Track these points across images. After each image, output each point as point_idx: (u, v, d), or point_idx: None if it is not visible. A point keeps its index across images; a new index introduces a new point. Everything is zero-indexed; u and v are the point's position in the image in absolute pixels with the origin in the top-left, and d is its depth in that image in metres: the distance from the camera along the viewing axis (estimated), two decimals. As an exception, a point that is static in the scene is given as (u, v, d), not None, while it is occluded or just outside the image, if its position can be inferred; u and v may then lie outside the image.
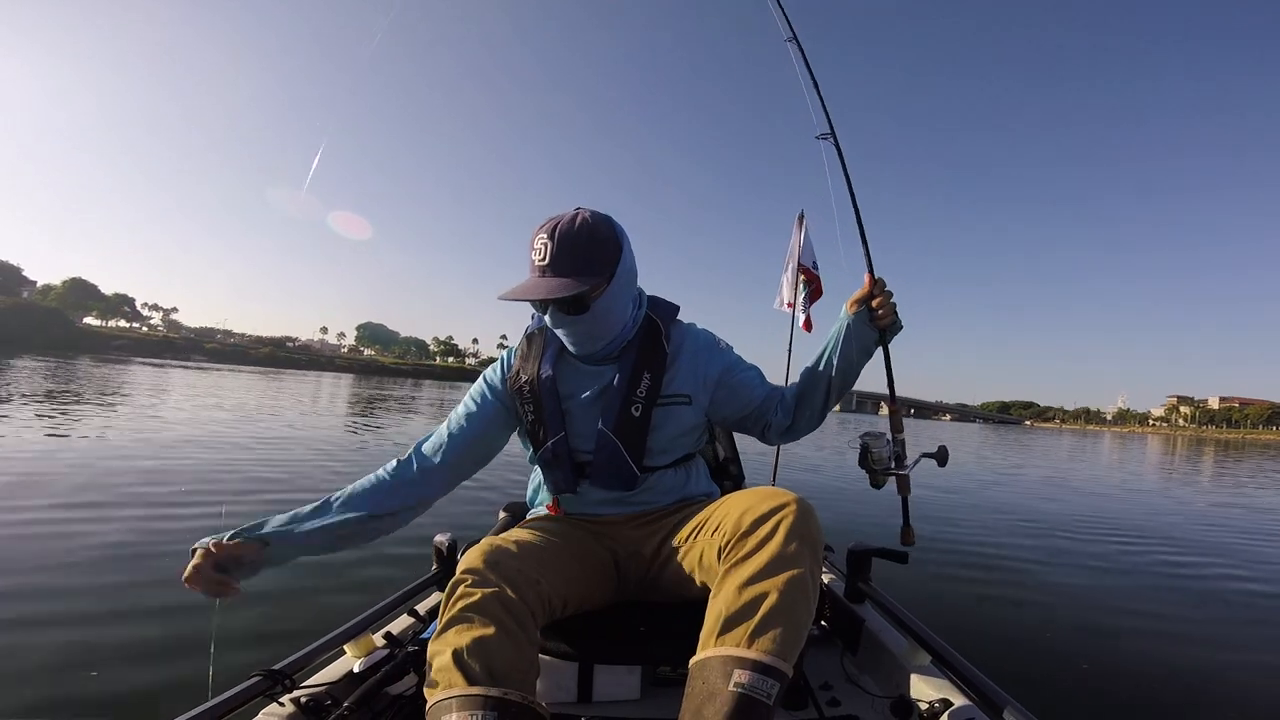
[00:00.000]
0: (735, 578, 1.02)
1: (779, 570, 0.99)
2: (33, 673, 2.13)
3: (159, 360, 60.21)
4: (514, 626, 1.00)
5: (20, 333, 67.68)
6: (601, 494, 1.34)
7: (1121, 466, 17.88)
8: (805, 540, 1.03)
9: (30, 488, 4.64)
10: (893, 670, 1.52)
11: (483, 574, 1.05)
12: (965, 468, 12.91)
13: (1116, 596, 3.78)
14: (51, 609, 2.62)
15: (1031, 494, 8.41)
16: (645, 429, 1.29)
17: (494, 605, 1.01)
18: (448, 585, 1.07)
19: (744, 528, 1.06)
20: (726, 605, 0.99)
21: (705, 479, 1.47)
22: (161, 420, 9.96)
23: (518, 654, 0.99)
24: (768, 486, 1.17)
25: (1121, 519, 7.16)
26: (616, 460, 1.28)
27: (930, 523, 5.69)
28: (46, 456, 5.98)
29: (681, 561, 1.23)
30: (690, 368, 1.35)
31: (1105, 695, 2.35)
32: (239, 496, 5.03)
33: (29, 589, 2.81)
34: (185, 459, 6.51)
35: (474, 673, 0.94)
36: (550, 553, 1.20)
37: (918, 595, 3.21)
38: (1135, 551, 5.43)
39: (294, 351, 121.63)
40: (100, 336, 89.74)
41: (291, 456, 7.37)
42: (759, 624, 0.95)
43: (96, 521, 3.90)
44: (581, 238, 1.20)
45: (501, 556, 1.10)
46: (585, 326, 1.26)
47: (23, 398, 11.60)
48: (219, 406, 13.74)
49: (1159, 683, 2.48)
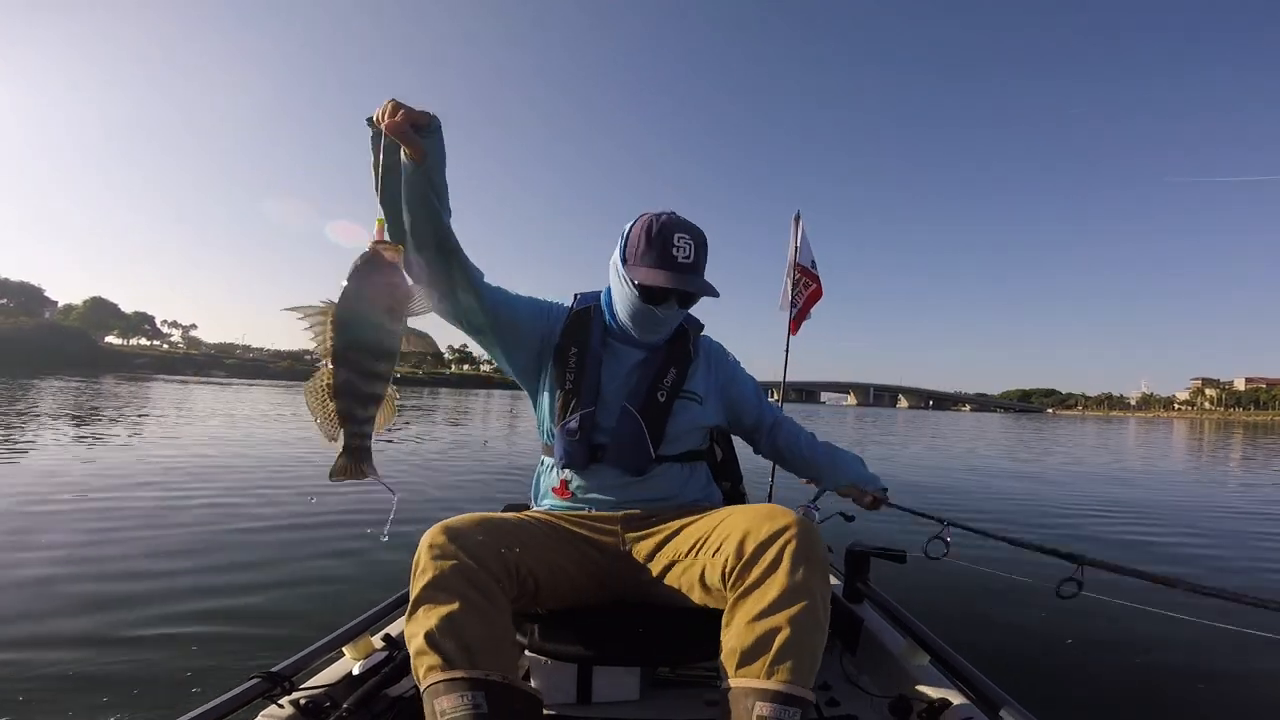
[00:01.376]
0: (746, 610, 1.04)
1: (791, 602, 1.01)
2: (33, 673, 2.17)
3: (182, 377, 61.15)
4: (479, 598, 1.03)
5: (46, 353, 68.85)
6: (612, 477, 1.35)
7: (1145, 450, 17.60)
8: (811, 564, 1.05)
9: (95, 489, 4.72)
10: (891, 670, 1.52)
11: (442, 546, 1.06)
12: (971, 461, 12.76)
13: (1124, 593, 3.73)
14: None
15: (1036, 486, 8.33)
16: (667, 415, 1.36)
17: (457, 579, 1.03)
18: (412, 562, 1.08)
19: (748, 554, 1.07)
20: (740, 639, 1.02)
21: (707, 482, 1.51)
22: (237, 431, 10.12)
23: (487, 626, 1.01)
24: (767, 505, 1.17)
25: (1136, 508, 7.05)
26: (637, 440, 1.33)
27: (929, 520, 5.54)
28: (92, 462, 6.09)
29: (681, 575, 1.25)
30: (705, 372, 1.49)
31: (1105, 694, 2.33)
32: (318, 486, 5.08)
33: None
34: (252, 463, 6.60)
35: (449, 652, 0.97)
36: (525, 531, 1.21)
37: (916, 595, 3.19)
38: (1150, 543, 5.35)
39: (312, 364, 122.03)
40: (123, 355, 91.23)
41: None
42: (776, 655, 0.98)
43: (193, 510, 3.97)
44: (706, 244, 1.35)
45: (462, 528, 1.11)
46: (678, 319, 1.42)
47: (76, 416, 11.85)
48: (266, 417, 13.92)
49: (1161, 681, 2.45)
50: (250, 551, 3.78)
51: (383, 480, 0.92)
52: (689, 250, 1.29)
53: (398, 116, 1.04)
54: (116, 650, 2.36)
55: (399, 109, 1.05)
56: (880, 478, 1.54)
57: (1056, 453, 15.63)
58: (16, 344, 68.94)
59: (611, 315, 1.41)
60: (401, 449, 9.87)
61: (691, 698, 1.39)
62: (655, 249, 1.29)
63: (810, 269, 4.48)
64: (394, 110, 1.05)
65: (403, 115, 1.05)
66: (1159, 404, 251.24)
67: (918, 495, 7.29)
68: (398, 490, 0.99)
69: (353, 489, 5.86)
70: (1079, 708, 2.21)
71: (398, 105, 1.06)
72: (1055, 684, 2.37)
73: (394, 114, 1.05)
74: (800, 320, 4.46)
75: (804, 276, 4.47)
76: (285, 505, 5.07)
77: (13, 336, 71.06)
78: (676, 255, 1.28)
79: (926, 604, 3.07)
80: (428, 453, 9.57)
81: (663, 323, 1.38)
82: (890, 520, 6.54)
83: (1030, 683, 2.30)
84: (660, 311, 1.34)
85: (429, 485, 6.59)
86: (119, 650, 2.36)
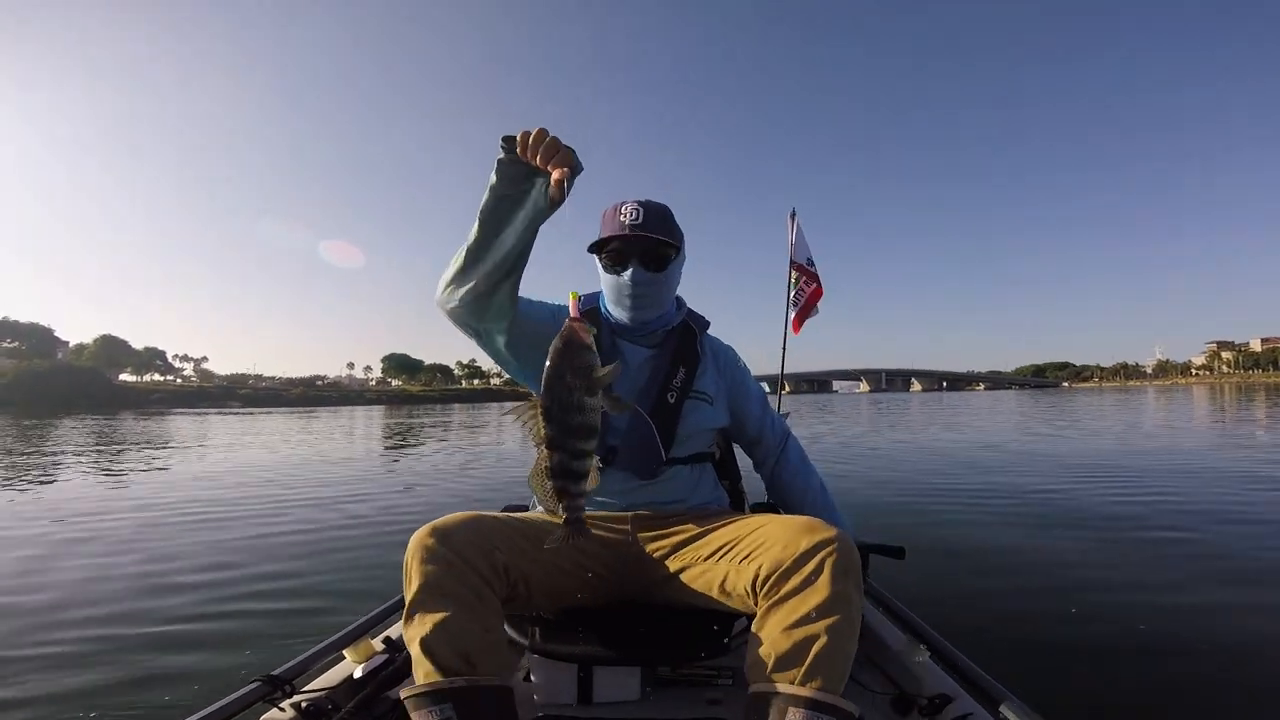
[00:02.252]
0: (784, 615, 1.03)
1: (832, 612, 1.01)
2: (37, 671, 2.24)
3: (197, 410, 61.60)
4: (470, 598, 1.04)
5: (62, 394, 69.60)
6: (622, 480, 1.36)
7: (1166, 416, 17.39)
8: (851, 577, 1.05)
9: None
10: (892, 666, 1.52)
11: (430, 548, 1.07)
12: (974, 452, 12.65)
13: (1125, 587, 3.67)
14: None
15: (1039, 478, 8.27)
16: (677, 416, 1.38)
17: (447, 580, 1.04)
18: (403, 563, 1.09)
19: (787, 563, 1.06)
20: (777, 643, 1.01)
21: (714, 484, 1.52)
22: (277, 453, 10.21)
23: (480, 628, 1.03)
24: (805, 518, 1.16)
25: (1149, 493, 6.93)
26: (647, 443, 1.34)
27: (930, 516, 5.65)
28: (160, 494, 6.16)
29: (699, 578, 1.23)
30: (715, 372, 1.51)
31: (1106, 689, 2.31)
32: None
33: None
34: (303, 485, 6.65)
35: (442, 658, 0.99)
36: (515, 530, 1.21)
37: (916, 591, 3.18)
38: (1163, 537, 5.27)
39: (324, 389, 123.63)
40: (138, 391, 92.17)
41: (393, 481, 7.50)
42: (814, 663, 0.98)
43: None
44: (666, 213, 1.39)
45: (450, 528, 1.11)
46: (656, 288, 1.40)
47: (117, 452, 11.96)
48: (288, 442, 14.05)
49: (1162, 677, 2.42)
50: (255, 555, 3.87)
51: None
52: (637, 214, 1.35)
53: (561, 152, 1.03)
54: (117, 653, 2.40)
55: (559, 145, 1.03)
56: None
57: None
58: (34, 386, 69.87)
59: (609, 312, 1.46)
60: (417, 458, 9.91)
61: (692, 698, 1.39)
62: (610, 222, 1.38)
63: (807, 266, 4.46)
64: (555, 144, 1.03)
65: (566, 154, 1.03)
66: (1175, 370, 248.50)
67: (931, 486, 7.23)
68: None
69: (368, 495, 5.87)
70: (1080, 702, 2.20)
71: (557, 141, 1.03)
72: (1056, 678, 2.36)
73: (555, 148, 1.03)
74: (803, 319, 4.44)
75: (803, 275, 4.45)
76: (300, 513, 5.14)
77: (29, 379, 72.01)
78: (625, 220, 1.35)
79: (926, 599, 3.06)
80: (437, 460, 9.63)
81: (637, 293, 1.38)
82: (891, 519, 6.54)
83: (1031, 677, 2.28)
84: (627, 278, 1.37)
85: (433, 485, 6.65)
86: (119, 653, 2.40)
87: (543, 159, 1.03)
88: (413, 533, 1.12)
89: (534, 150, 1.03)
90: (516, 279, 1.23)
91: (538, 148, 1.03)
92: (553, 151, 1.03)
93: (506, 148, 1.07)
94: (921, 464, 9.18)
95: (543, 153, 1.03)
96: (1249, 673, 2.44)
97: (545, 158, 1.03)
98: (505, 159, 1.08)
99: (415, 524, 1.16)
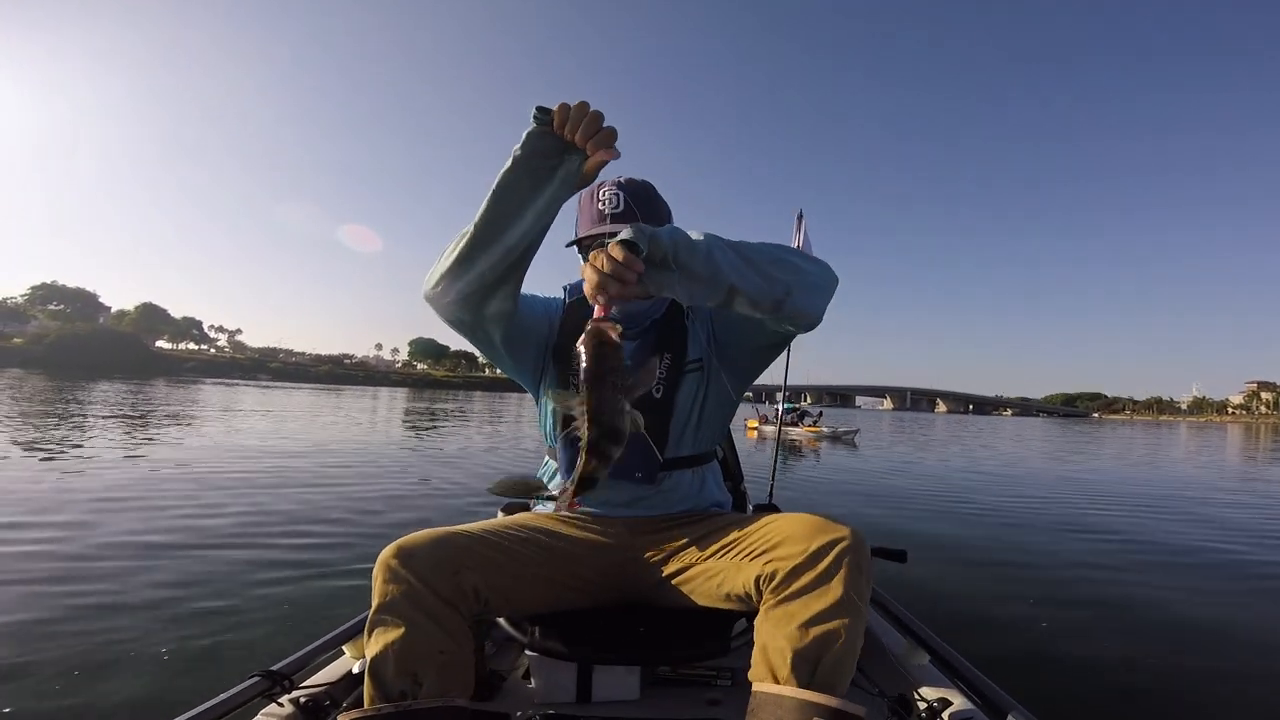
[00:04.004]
0: (793, 613, 0.98)
1: (844, 612, 0.97)
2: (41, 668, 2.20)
3: (229, 380, 62.94)
4: (425, 621, 1.00)
5: (101, 358, 71.77)
6: (623, 488, 1.28)
7: (1188, 452, 16.94)
8: (863, 579, 1.01)
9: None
10: (892, 671, 1.50)
11: (394, 570, 1.03)
12: (984, 465, 12.45)
13: (1126, 593, 3.63)
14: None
15: (1042, 489, 8.11)
16: (669, 410, 1.28)
17: (404, 602, 1.01)
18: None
19: (797, 560, 1.01)
20: (786, 643, 0.97)
21: (719, 486, 1.43)
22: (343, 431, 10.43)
23: (434, 649, 1.00)
24: (815, 516, 1.09)
25: (1150, 508, 6.79)
26: (642, 448, 1.23)
27: (932, 520, 5.60)
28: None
29: (701, 579, 1.18)
30: (694, 329, 1.34)
31: (1107, 695, 2.29)
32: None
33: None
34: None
35: (387, 679, 0.97)
36: (492, 547, 1.14)
37: (916, 595, 3.14)
38: (1160, 542, 5.14)
39: (351, 368, 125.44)
40: (173, 359, 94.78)
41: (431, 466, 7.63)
42: (825, 665, 0.95)
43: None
44: (648, 192, 1.28)
45: (415, 549, 1.06)
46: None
47: (162, 418, 12.32)
48: (336, 424, 14.31)
49: (1165, 682, 2.40)
50: (256, 554, 3.81)
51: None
52: (617, 200, 1.25)
53: (603, 131, 0.96)
54: (116, 650, 2.36)
55: (601, 121, 0.96)
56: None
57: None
58: (74, 348, 72.14)
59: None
60: (429, 449, 10.04)
61: (692, 697, 1.39)
62: (587, 211, 1.27)
63: None
64: (597, 119, 0.96)
65: (609, 133, 0.97)
66: (1211, 408, 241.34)
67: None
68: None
69: (373, 492, 5.95)
70: (1081, 708, 2.18)
71: (600, 116, 0.96)
72: (1057, 684, 2.34)
73: (597, 124, 0.96)
74: None
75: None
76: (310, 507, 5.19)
77: (70, 342, 74.36)
78: (604, 208, 1.25)
79: (927, 604, 3.06)
80: (449, 451, 9.80)
81: None
82: (891, 518, 6.44)
83: (1032, 683, 2.28)
84: None
85: (452, 469, 6.67)
86: (119, 650, 2.36)
87: (583, 135, 0.96)
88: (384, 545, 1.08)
89: (574, 125, 0.96)
90: (523, 271, 1.15)
91: (578, 123, 0.96)
92: (594, 129, 0.96)
93: (540, 118, 0.99)
94: (929, 473, 9.06)
95: (584, 129, 0.96)
96: (1255, 686, 2.42)
97: (586, 134, 0.96)
98: (537, 130, 1.00)
99: (415, 524, 1.14)
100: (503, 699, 1.36)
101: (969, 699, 1.29)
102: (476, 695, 1.13)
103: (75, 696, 2.05)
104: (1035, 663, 2.54)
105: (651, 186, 1.30)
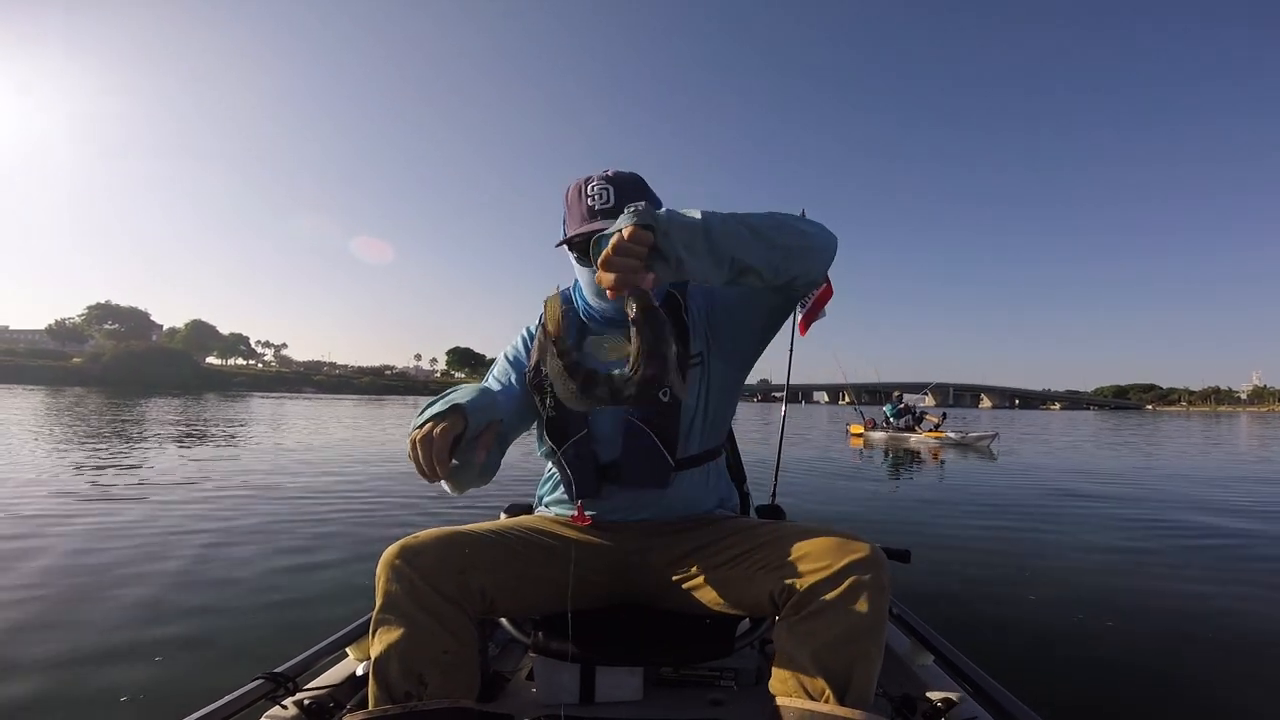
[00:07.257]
0: (816, 630, 0.98)
1: (867, 632, 0.97)
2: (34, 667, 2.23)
3: (275, 394, 64.71)
4: (430, 620, 1.01)
5: (155, 374, 74.74)
6: (631, 495, 1.27)
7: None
8: (885, 595, 1.00)
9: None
10: (895, 670, 1.50)
11: (397, 568, 1.03)
12: (991, 464, 12.10)
13: (1130, 591, 3.54)
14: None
15: (1047, 487, 7.86)
16: (676, 413, 1.24)
17: (407, 602, 1.01)
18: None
19: (820, 579, 1.00)
20: (809, 660, 0.97)
21: (726, 483, 1.41)
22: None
23: (439, 649, 1.00)
24: (833, 532, 1.07)
25: (1157, 506, 6.62)
26: (650, 451, 1.22)
27: (934, 520, 5.51)
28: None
29: (710, 583, 1.16)
30: (699, 318, 1.30)
31: (1112, 695, 2.25)
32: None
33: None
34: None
35: (392, 679, 0.98)
36: (495, 546, 1.15)
37: (920, 595, 3.10)
38: (1167, 536, 5.01)
39: (392, 379, 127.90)
40: (222, 375, 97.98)
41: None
42: (848, 683, 0.95)
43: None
44: (636, 182, 1.23)
45: (419, 547, 1.06)
46: None
47: (227, 432, 12.83)
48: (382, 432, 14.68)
49: (1170, 682, 2.35)
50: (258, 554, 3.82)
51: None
52: (606, 195, 1.19)
53: (428, 454, 0.95)
54: (116, 650, 2.39)
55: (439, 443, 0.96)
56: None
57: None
58: (130, 366, 75.35)
59: (585, 303, 1.30)
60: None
61: (695, 698, 1.38)
62: (575, 208, 1.22)
63: None
64: (440, 450, 0.95)
65: (428, 453, 0.95)
66: (1274, 397, 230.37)
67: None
68: None
69: (391, 492, 6.01)
70: (1085, 708, 2.15)
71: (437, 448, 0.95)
72: (1061, 684, 2.31)
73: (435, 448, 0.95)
74: (810, 320, 4.36)
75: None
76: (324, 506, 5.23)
77: (126, 359, 77.68)
78: (594, 205, 1.20)
79: (931, 604, 3.04)
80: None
81: None
82: (891, 518, 6.32)
83: (1036, 683, 2.25)
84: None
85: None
86: (119, 650, 2.39)
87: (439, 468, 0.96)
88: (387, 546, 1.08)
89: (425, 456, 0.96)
90: (499, 457, 1.19)
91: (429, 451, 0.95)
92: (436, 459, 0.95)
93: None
94: (937, 474, 8.87)
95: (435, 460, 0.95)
96: (1267, 686, 2.36)
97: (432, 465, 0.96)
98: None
99: (414, 524, 1.14)
100: (506, 700, 1.37)
101: (973, 699, 1.28)
102: (480, 697, 1.13)
103: (77, 696, 2.06)
104: (1042, 664, 2.51)
105: (641, 179, 1.25)
